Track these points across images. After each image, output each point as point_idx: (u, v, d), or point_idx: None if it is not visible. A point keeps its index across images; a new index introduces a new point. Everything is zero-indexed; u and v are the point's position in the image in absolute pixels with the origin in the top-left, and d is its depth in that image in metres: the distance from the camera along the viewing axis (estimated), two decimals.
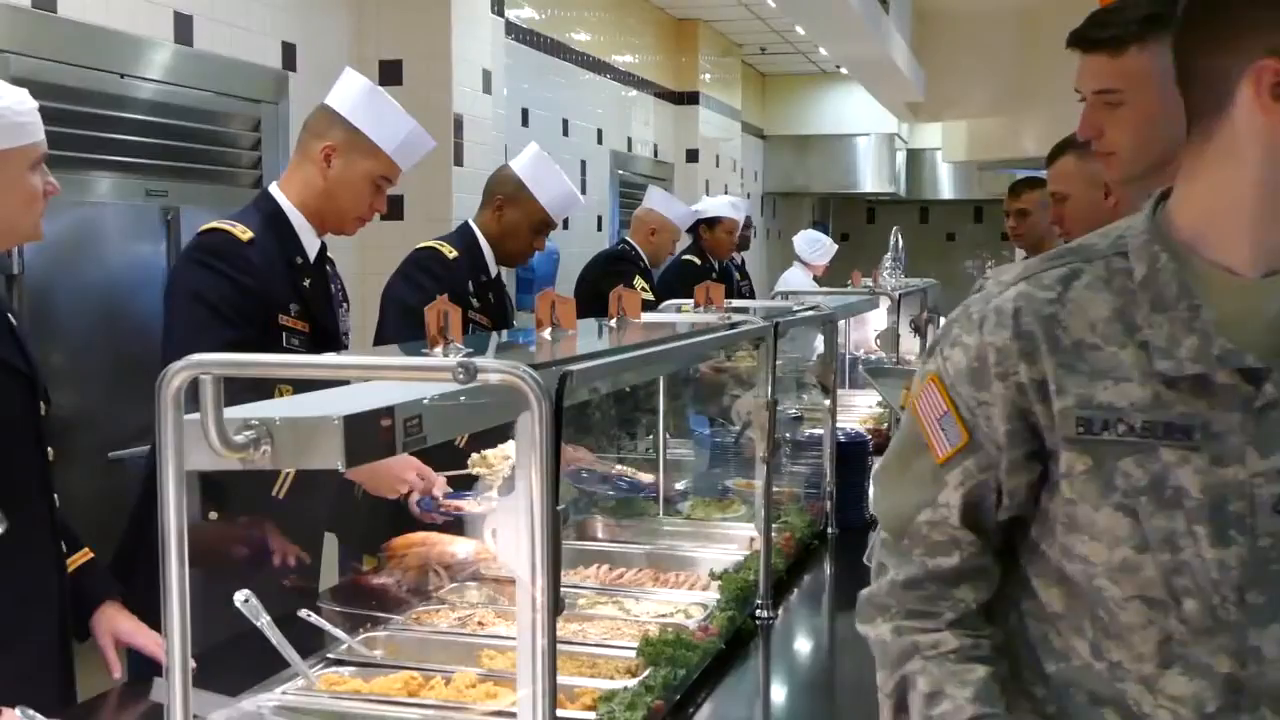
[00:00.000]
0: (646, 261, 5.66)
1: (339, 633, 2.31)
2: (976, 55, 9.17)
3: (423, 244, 3.64)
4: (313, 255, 2.83)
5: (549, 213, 3.69)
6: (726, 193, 9.47)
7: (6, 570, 2.09)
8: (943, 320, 1.45)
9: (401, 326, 3.43)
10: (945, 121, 10.77)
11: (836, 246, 8.87)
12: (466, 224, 3.74)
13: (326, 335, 2.83)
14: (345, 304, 3.04)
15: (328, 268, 2.94)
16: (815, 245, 8.63)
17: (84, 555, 2.35)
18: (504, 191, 3.69)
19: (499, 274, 3.74)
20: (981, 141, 9.93)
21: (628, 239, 5.84)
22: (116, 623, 2.31)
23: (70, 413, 3.31)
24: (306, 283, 2.79)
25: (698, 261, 6.32)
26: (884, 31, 7.14)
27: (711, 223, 6.48)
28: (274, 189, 2.84)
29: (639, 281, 5.28)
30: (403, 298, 3.49)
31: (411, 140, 2.86)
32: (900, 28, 8.04)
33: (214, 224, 2.72)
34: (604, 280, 5.11)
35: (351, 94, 2.84)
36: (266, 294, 2.67)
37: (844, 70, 9.82)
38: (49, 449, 2.23)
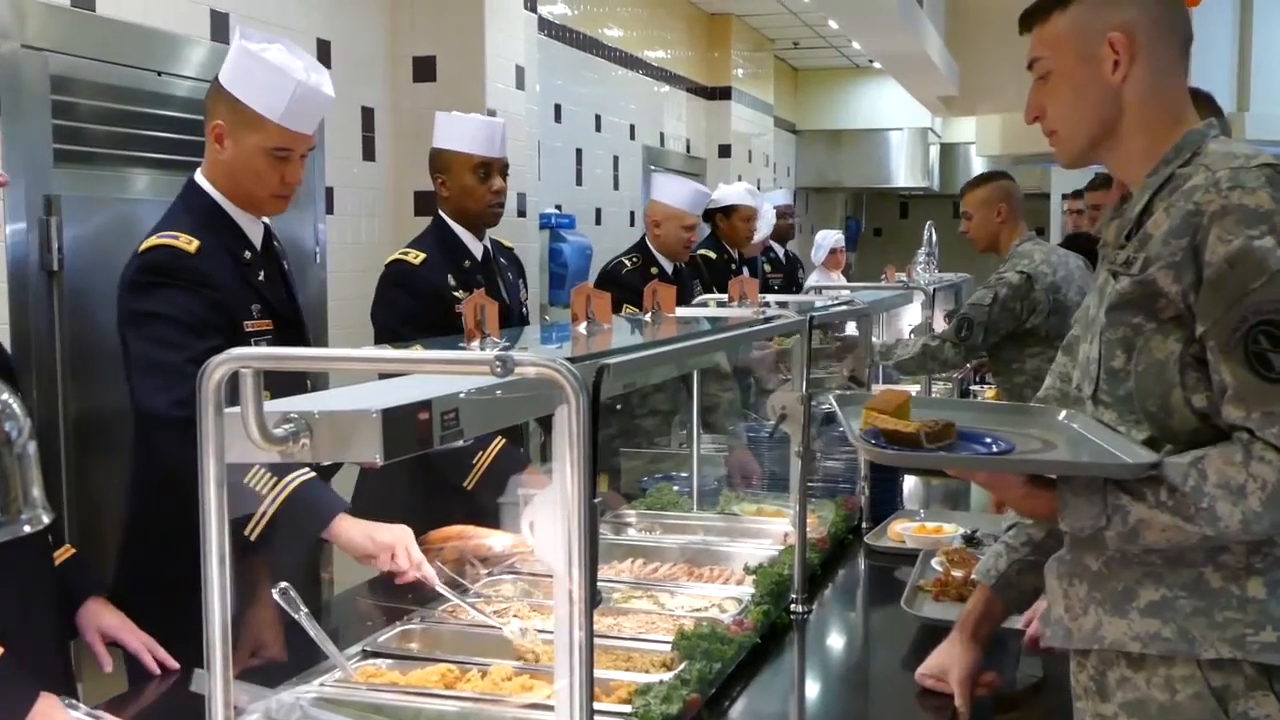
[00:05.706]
0: (662, 265, 4.93)
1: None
2: (1010, 48, 9.05)
3: (391, 257, 3.43)
4: (259, 243, 2.62)
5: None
6: (760, 188, 9.46)
7: (5, 566, 2.03)
8: None
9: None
10: (979, 115, 10.70)
11: (838, 234, 8.83)
12: (436, 216, 3.49)
13: (288, 325, 2.63)
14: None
15: (276, 244, 2.71)
16: (815, 248, 8.61)
17: (66, 551, 2.30)
18: (438, 167, 3.45)
19: (486, 252, 3.47)
20: (1016, 135, 9.86)
21: (645, 240, 5.11)
22: (102, 618, 2.27)
23: (108, 408, 3.33)
24: (261, 276, 2.59)
25: (713, 255, 5.91)
26: (918, 25, 7.10)
27: (727, 211, 6.00)
28: (199, 178, 2.60)
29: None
30: (384, 321, 3.30)
31: (300, 99, 2.49)
32: (934, 21, 7.99)
33: (154, 240, 2.47)
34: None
35: (230, 62, 2.53)
36: (228, 303, 2.48)
37: (877, 64, 9.78)
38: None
